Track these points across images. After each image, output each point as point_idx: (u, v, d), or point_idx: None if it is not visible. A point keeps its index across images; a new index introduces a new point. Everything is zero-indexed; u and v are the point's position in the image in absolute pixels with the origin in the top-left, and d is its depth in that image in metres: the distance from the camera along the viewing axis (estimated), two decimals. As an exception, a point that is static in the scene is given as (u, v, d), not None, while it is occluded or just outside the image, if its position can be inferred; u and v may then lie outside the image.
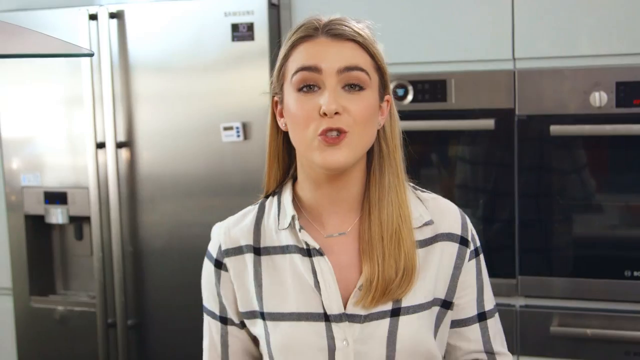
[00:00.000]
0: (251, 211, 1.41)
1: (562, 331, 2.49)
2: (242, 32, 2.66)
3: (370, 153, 1.34)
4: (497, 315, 1.43)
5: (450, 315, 1.37)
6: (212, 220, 1.46)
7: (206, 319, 1.43)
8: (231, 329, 1.40)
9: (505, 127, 2.51)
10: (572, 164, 2.54)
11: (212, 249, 1.40)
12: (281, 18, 2.72)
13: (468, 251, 1.38)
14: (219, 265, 1.38)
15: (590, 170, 2.56)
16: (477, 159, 2.62)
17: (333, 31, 1.28)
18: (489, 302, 1.41)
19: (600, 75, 2.42)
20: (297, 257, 1.33)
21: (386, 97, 1.34)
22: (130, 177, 2.86)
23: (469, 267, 1.38)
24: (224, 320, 1.40)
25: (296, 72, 1.27)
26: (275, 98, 1.35)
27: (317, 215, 1.35)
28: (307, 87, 1.27)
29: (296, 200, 1.37)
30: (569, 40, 2.47)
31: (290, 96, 1.28)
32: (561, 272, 2.53)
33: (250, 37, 2.65)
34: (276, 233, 1.36)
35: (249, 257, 1.36)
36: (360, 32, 1.29)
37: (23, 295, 3.06)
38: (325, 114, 1.23)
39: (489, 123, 2.52)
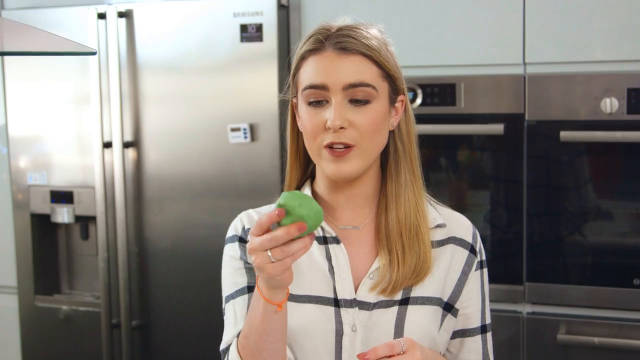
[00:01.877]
0: (270, 207, 1.44)
1: (570, 339, 2.47)
2: (250, 33, 2.65)
3: (385, 152, 1.37)
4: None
5: (450, 320, 1.39)
6: (218, 221, 1.46)
7: (229, 307, 1.37)
8: None
9: (514, 132, 2.49)
10: (581, 170, 2.51)
11: (233, 231, 1.42)
12: (290, 19, 2.70)
13: (476, 261, 1.41)
14: (243, 240, 1.39)
15: (600, 177, 2.53)
16: (486, 163, 2.60)
17: (339, 44, 1.30)
18: (489, 316, 1.44)
19: (611, 81, 2.40)
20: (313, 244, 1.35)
21: (400, 97, 1.36)
22: (137, 177, 2.86)
23: (475, 276, 1.41)
24: (252, 289, 1.35)
25: (305, 88, 1.32)
26: (294, 100, 1.38)
27: (331, 210, 1.39)
28: (316, 102, 1.31)
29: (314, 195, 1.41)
30: (580, 45, 2.44)
31: (302, 107, 1.34)
32: (569, 279, 2.51)
33: (259, 38, 2.64)
34: None
35: None
36: (368, 42, 1.31)
37: (28, 294, 3.06)
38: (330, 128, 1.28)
39: (498, 128, 2.50)
